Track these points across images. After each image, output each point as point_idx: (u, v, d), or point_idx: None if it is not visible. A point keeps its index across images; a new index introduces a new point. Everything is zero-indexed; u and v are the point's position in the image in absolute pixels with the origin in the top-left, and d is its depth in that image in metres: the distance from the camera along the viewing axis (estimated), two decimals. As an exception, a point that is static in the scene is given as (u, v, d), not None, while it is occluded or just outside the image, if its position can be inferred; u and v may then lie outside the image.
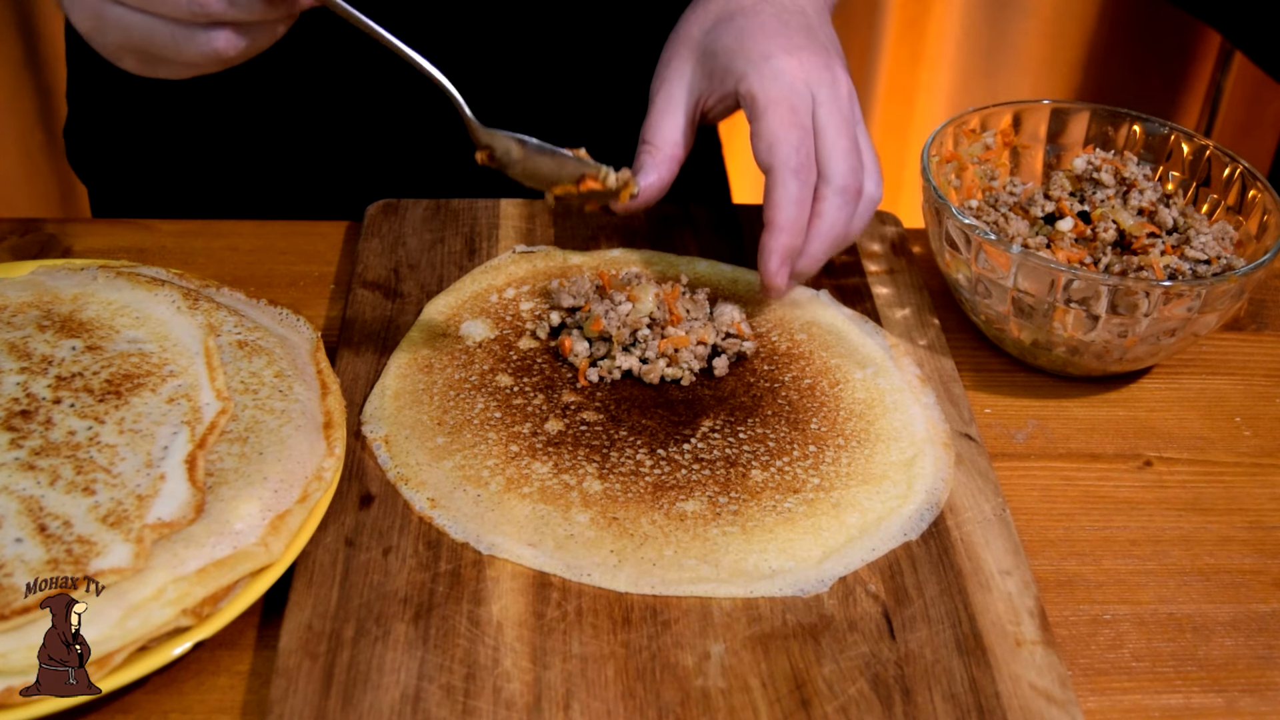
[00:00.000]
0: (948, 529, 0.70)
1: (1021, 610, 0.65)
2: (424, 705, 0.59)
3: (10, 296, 0.74)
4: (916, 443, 0.75)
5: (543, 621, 0.63)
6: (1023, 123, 0.90)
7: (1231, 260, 0.82)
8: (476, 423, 0.74)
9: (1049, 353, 0.81)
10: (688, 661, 0.62)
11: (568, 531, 0.67)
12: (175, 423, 0.67)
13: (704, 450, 0.73)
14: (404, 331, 0.80)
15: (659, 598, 0.65)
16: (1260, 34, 1.69)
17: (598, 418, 0.75)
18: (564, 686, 0.60)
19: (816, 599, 0.65)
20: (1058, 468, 0.77)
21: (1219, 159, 0.86)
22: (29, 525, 0.60)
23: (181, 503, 0.62)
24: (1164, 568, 0.71)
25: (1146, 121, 0.89)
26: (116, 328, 0.73)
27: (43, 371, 0.69)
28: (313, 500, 0.66)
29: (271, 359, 0.72)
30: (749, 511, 0.69)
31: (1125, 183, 0.87)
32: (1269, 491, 0.76)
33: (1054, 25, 2.03)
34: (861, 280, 0.88)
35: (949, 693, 0.61)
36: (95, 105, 1.07)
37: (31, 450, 0.64)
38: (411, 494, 0.69)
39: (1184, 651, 0.66)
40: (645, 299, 0.79)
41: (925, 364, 0.81)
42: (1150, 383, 0.84)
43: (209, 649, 0.62)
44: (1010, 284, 0.78)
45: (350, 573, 0.65)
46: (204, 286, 0.79)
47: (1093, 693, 0.64)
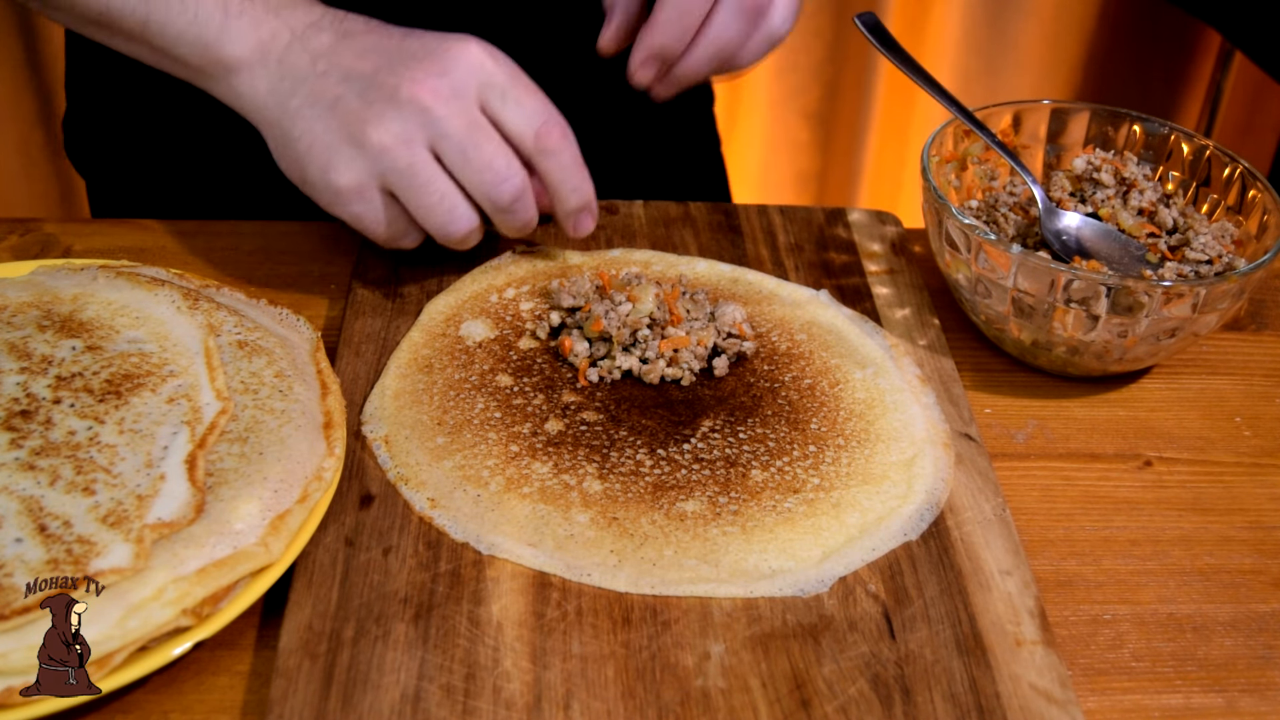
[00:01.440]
0: (948, 529, 0.70)
1: (1021, 610, 0.65)
2: (424, 705, 0.59)
3: (10, 296, 0.74)
4: (916, 443, 0.75)
5: (543, 621, 0.63)
6: (1023, 123, 0.90)
7: (1231, 260, 0.82)
8: (476, 423, 0.74)
9: (1049, 353, 0.81)
10: (688, 661, 0.62)
11: (568, 531, 0.67)
12: (175, 423, 0.67)
13: (704, 450, 0.73)
14: (404, 331, 0.80)
15: (659, 598, 0.65)
16: (1260, 34, 1.69)
17: (598, 418, 0.75)
18: (564, 686, 0.60)
19: (816, 599, 0.65)
20: (1058, 468, 0.77)
21: (1219, 159, 0.86)
22: (29, 525, 0.60)
23: (181, 503, 0.62)
24: (1164, 568, 0.71)
25: (1146, 121, 0.89)
26: (116, 328, 0.73)
27: (43, 371, 0.69)
28: (313, 500, 0.66)
29: (271, 359, 0.72)
30: (749, 511, 0.69)
31: (1125, 183, 0.87)
32: (1269, 491, 0.76)
33: (1054, 25, 2.03)
34: (861, 280, 0.88)
35: (949, 693, 0.61)
36: (94, 98, 1.07)
37: (31, 450, 0.64)
38: (411, 494, 0.69)
39: (1184, 651, 0.66)
40: (645, 299, 0.79)
41: (925, 364, 0.81)
42: (1150, 383, 0.84)
43: (209, 649, 0.62)
44: (1010, 284, 0.78)
45: (350, 573, 0.65)
46: (204, 286, 0.79)
47: (1093, 693, 0.64)
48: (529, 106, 0.76)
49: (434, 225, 0.76)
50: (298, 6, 0.77)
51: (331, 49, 0.75)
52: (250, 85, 0.76)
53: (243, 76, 0.76)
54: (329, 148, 0.74)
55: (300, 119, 0.75)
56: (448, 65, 0.74)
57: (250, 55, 0.76)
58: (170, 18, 0.76)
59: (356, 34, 0.76)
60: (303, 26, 0.76)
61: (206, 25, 0.75)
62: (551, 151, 0.76)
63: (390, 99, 0.73)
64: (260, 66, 0.76)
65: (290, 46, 0.76)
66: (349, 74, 0.74)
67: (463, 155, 0.74)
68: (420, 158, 0.74)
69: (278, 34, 0.76)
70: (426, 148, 0.74)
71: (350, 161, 0.74)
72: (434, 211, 0.75)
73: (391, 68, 0.74)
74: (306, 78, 0.75)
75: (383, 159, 0.73)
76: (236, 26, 0.75)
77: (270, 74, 0.75)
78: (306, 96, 0.75)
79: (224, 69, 0.76)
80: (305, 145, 0.75)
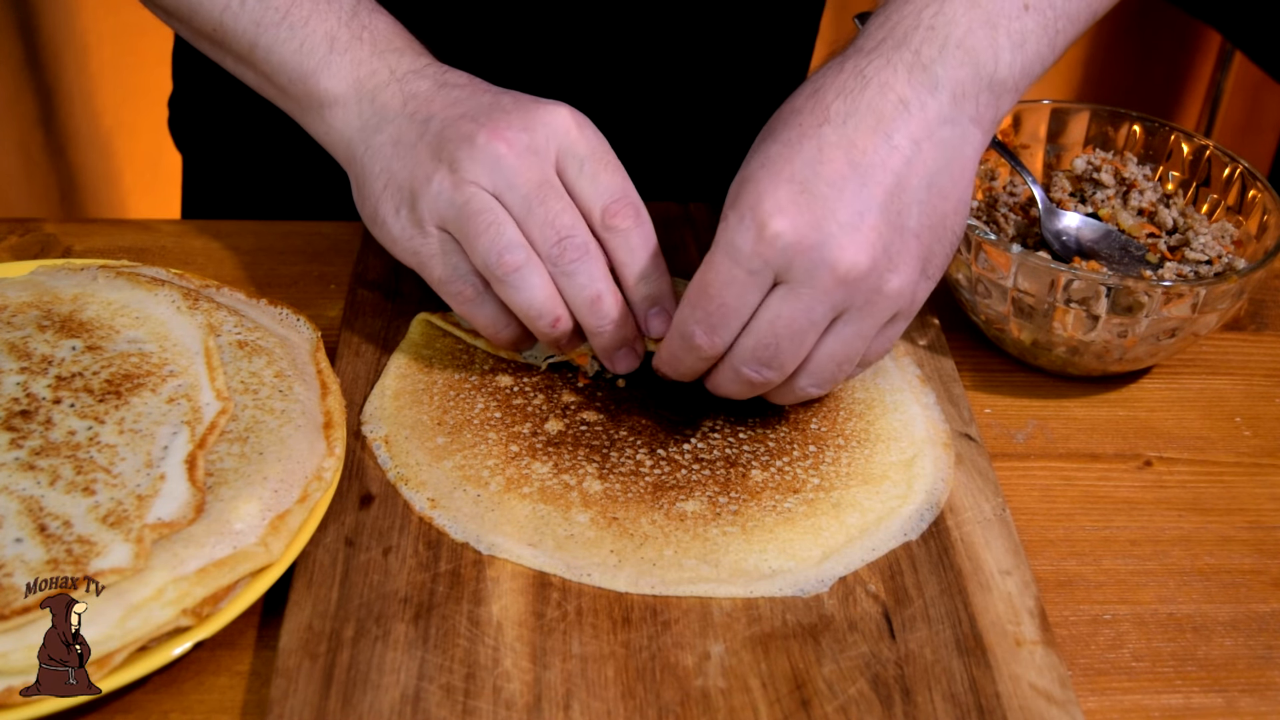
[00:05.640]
0: (948, 529, 0.70)
1: (1021, 610, 0.65)
2: (424, 705, 0.59)
3: (10, 296, 0.74)
4: (916, 443, 0.75)
5: (543, 621, 0.63)
6: (1023, 123, 0.90)
7: (1231, 260, 0.82)
8: (476, 423, 0.74)
9: (1049, 353, 0.81)
10: (688, 661, 0.62)
11: (568, 531, 0.68)
12: (175, 423, 0.67)
13: (704, 450, 0.73)
14: (404, 331, 0.80)
15: (659, 598, 0.65)
16: (1260, 34, 1.69)
17: (598, 418, 0.75)
18: (564, 686, 0.60)
19: (816, 599, 0.65)
20: (1058, 468, 0.77)
21: (1219, 159, 0.86)
22: (29, 525, 0.60)
23: (181, 503, 0.62)
24: (1164, 568, 0.71)
25: (1146, 121, 0.89)
26: (116, 328, 0.73)
27: (43, 371, 0.69)
28: (313, 500, 0.66)
29: (271, 359, 0.72)
30: (749, 511, 0.69)
31: (1125, 183, 0.87)
32: (1269, 491, 0.76)
33: (1054, 25, 2.03)
34: (861, 280, 0.88)
35: (949, 693, 0.61)
36: (200, 80, 1.08)
37: (31, 450, 0.64)
38: (411, 494, 0.69)
39: (1184, 651, 0.66)
40: None
41: (925, 364, 0.81)
42: (1150, 383, 0.84)
43: (209, 649, 0.62)
44: (1010, 284, 0.78)
45: (350, 573, 0.65)
46: (204, 286, 0.79)
47: (1093, 693, 0.64)
48: (604, 181, 0.71)
49: (482, 253, 0.70)
50: (404, 53, 0.76)
51: (427, 95, 0.74)
52: (342, 120, 0.75)
53: (336, 112, 0.75)
54: (400, 188, 0.72)
55: (380, 156, 0.73)
56: (531, 123, 0.71)
57: (346, 92, 0.74)
58: (277, 44, 0.75)
59: (455, 85, 0.74)
60: (404, 71, 0.75)
61: (309, 56, 0.75)
62: (620, 230, 0.71)
63: (467, 142, 0.70)
64: (354, 103, 0.75)
65: (387, 87, 0.74)
66: (434, 117, 0.72)
67: (526, 207, 0.70)
68: (478, 194, 0.70)
69: (377, 73, 0.75)
70: (489, 191, 0.70)
71: (415, 200, 0.72)
72: (482, 238, 0.70)
73: (476, 116, 0.72)
74: (395, 118, 0.73)
75: (441, 194, 0.70)
76: (338, 62, 0.74)
77: (363, 111, 0.74)
78: (390, 135, 0.73)
79: (319, 102, 0.75)
80: (381, 184, 0.73)
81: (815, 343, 0.68)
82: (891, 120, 0.66)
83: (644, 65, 1.01)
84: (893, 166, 0.66)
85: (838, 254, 0.64)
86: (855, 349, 0.69)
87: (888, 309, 0.68)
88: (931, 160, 0.67)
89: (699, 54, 1.02)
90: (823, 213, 0.65)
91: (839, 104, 0.67)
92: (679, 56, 1.02)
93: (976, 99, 0.68)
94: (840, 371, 0.70)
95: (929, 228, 0.67)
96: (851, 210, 0.65)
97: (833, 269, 0.64)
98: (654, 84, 1.02)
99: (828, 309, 0.66)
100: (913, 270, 0.67)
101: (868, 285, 0.66)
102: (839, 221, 0.65)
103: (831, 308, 0.66)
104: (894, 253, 0.66)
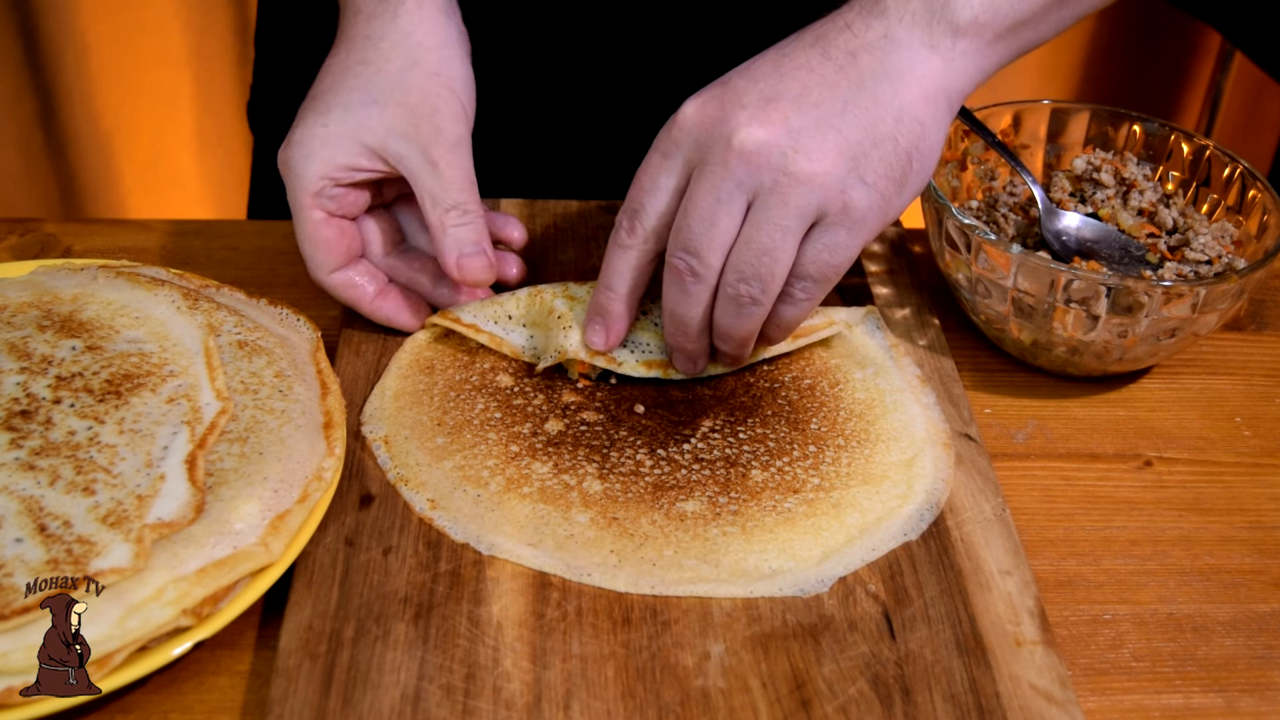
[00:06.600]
0: (948, 529, 0.70)
1: (1021, 610, 0.65)
2: (424, 705, 0.59)
3: (10, 296, 0.74)
4: (916, 443, 0.75)
5: (543, 621, 0.63)
6: (1023, 123, 0.90)
7: (1231, 260, 0.82)
8: (476, 423, 0.74)
9: (1049, 353, 0.81)
10: (688, 661, 0.62)
11: (568, 531, 0.67)
12: (175, 423, 0.67)
13: (704, 450, 0.73)
14: (404, 332, 0.80)
15: (659, 598, 0.65)
16: (1260, 34, 1.69)
17: (598, 418, 0.75)
18: (564, 686, 0.60)
19: (816, 599, 0.65)
20: (1058, 468, 0.77)
21: (1219, 159, 0.86)
22: (29, 525, 0.60)
23: (181, 503, 0.62)
24: (1164, 568, 0.71)
25: (1146, 121, 0.89)
26: (116, 328, 0.73)
27: (43, 371, 0.69)
28: (313, 500, 0.66)
29: (271, 359, 0.72)
30: (749, 511, 0.69)
31: (1125, 183, 0.87)
32: (1269, 491, 0.76)
33: (1054, 25, 2.03)
34: (861, 280, 0.88)
35: (949, 693, 0.61)
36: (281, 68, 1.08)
37: (31, 450, 0.64)
38: (411, 494, 0.69)
39: (1184, 651, 0.66)
40: None
41: (925, 364, 0.81)
42: (1150, 383, 0.84)
43: (209, 649, 0.62)
44: (1010, 284, 0.78)
45: (350, 573, 0.65)
46: (204, 286, 0.79)
47: (1093, 693, 0.64)
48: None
49: None
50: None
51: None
52: None
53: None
54: None
55: None
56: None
57: None
58: None
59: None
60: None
61: None
62: None
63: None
64: None
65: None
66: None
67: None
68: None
69: None
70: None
71: None
72: None
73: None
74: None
75: None
76: None
77: None
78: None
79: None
80: None
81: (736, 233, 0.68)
82: (832, 39, 0.68)
83: (656, 63, 1.01)
84: (819, 70, 0.67)
85: (734, 126, 0.66)
86: (776, 241, 0.67)
87: (802, 197, 0.66)
88: (867, 69, 0.67)
89: (708, 54, 1.02)
90: (731, 98, 0.67)
91: (793, 37, 0.70)
92: (689, 55, 1.02)
93: (929, 27, 0.68)
94: (764, 267, 0.67)
95: (859, 127, 0.67)
96: (760, 96, 0.67)
97: (728, 141, 0.66)
98: (667, 81, 1.02)
99: (732, 185, 0.66)
100: (831, 162, 0.66)
101: (769, 163, 0.66)
102: (743, 104, 0.66)
103: (736, 185, 0.66)
104: (803, 137, 0.66)
